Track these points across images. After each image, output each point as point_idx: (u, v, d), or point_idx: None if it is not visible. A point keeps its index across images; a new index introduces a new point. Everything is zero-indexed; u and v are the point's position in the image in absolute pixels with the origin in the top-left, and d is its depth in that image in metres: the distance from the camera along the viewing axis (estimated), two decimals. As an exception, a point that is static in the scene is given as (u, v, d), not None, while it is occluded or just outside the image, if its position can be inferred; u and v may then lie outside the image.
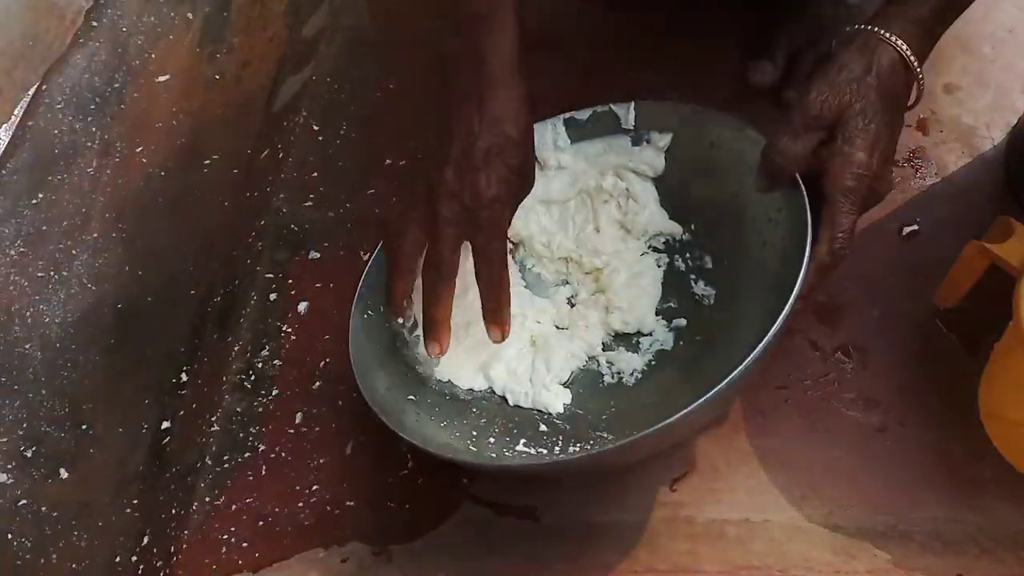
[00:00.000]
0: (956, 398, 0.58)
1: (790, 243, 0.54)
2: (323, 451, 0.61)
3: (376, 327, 0.58)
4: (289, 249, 0.72)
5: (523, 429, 0.57)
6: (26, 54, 0.79)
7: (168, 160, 0.78)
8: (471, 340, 0.59)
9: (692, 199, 0.63)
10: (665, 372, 0.59)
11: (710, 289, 0.61)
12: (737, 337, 0.55)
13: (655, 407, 0.55)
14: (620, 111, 0.63)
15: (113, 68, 0.82)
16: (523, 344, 0.61)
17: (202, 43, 0.86)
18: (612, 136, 0.64)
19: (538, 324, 0.62)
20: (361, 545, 0.57)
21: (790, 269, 0.52)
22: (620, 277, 0.62)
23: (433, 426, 0.55)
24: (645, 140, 0.63)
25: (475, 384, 0.59)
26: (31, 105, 0.78)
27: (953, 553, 0.53)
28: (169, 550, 0.58)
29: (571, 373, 0.60)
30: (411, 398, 0.57)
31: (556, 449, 0.55)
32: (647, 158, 0.63)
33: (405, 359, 0.59)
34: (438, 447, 0.52)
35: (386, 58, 0.84)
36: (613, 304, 0.61)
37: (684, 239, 0.63)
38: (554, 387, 0.58)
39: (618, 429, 0.56)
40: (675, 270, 0.63)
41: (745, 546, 0.54)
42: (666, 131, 0.62)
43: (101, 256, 0.71)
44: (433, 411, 0.57)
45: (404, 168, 0.73)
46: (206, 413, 0.64)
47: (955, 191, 0.68)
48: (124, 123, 0.79)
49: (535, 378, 0.59)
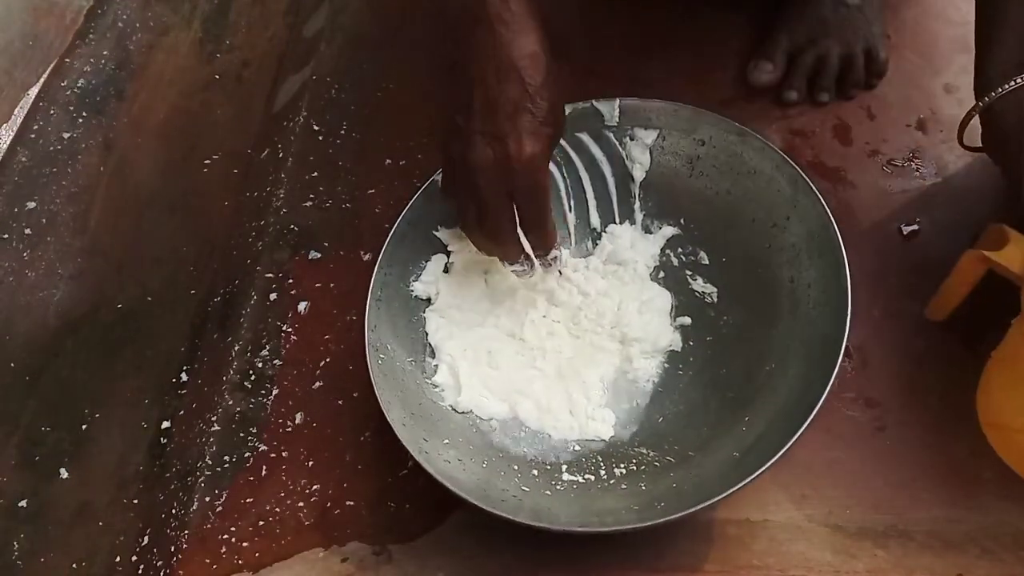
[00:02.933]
0: (956, 398, 0.58)
1: (804, 251, 0.56)
2: (323, 451, 0.61)
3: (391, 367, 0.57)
4: (289, 249, 0.72)
5: (558, 454, 0.57)
6: (26, 54, 0.79)
7: (168, 160, 0.78)
8: (494, 370, 0.60)
9: (681, 194, 0.63)
10: (681, 375, 0.59)
11: (711, 287, 0.61)
12: (753, 342, 0.56)
13: (685, 416, 0.57)
14: (604, 108, 0.63)
15: (113, 68, 0.82)
16: (549, 379, 0.60)
17: (202, 43, 0.86)
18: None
19: (561, 354, 0.61)
20: (361, 545, 0.57)
21: (804, 280, 0.55)
22: (631, 307, 0.62)
23: (475, 467, 0.54)
24: (629, 136, 0.63)
25: (498, 414, 0.58)
26: (31, 105, 0.78)
27: (953, 553, 0.53)
28: (169, 550, 0.58)
29: (605, 393, 0.59)
30: (445, 441, 0.55)
31: (602, 472, 0.55)
32: (634, 154, 0.64)
33: (424, 392, 0.58)
34: (498, 504, 0.50)
35: (386, 58, 0.84)
36: (630, 337, 0.60)
37: (675, 234, 0.64)
38: (599, 413, 0.58)
39: (653, 441, 0.56)
40: (669, 265, 0.63)
41: (745, 546, 0.54)
42: (652, 128, 0.63)
43: (101, 256, 0.71)
44: (467, 449, 0.55)
45: (439, 132, 0.67)
46: (206, 413, 0.64)
47: (955, 191, 0.68)
48: (124, 123, 0.79)
49: (576, 409, 0.58)
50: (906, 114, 0.72)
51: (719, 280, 0.61)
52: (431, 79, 0.79)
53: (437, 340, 0.60)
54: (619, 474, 0.54)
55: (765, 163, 0.59)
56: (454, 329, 0.61)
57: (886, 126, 0.72)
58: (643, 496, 0.52)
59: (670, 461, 0.54)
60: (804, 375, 0.52)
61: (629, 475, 0.54)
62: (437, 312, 0.61)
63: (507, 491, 0.52)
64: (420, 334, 0.60)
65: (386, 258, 0.60)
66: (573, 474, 0.55)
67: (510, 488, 0.53)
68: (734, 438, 0.52)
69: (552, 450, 0.57)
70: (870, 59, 0.73)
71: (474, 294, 0.62)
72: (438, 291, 0.62)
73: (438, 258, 0.62)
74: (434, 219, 0.62)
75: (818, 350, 0.52)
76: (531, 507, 0.51)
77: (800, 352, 0.54)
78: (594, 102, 0.63)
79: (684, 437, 0.55)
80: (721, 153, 0.61)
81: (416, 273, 0.62)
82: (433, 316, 0.61)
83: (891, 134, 0.71)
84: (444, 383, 0.59)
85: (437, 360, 0.59)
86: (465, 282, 0.62)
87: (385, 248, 0.60)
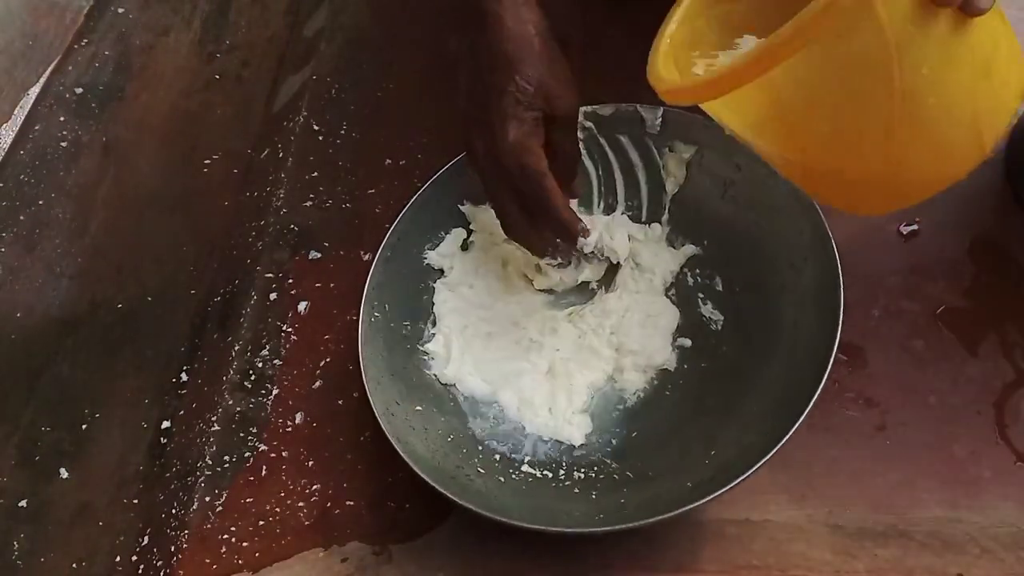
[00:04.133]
0: (956, 398, 0.58)
1: (811, 297, 0.54)
2: (323, 451, 0.61)
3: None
4: (289, 249, 0.72)
5: (526, 446, 0.57)
6: (26, 54, 0.79)
7: (168, 160, 0.78)
8: (488, 353, 0.60)
9: (709, 216, 0.62)
10: (669, 395, 0.59)
11: (719, 314, 0.60)
12: (743, 378, 0.55)
13: (658, 437, 0.56)
14: (647, 115, 0.62)
15: (113, 68, 0.82)
16: (538, 374, 0.60)
17: (202, 43, 0.86)
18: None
19: (557, 352, 0.60)
20: (361, 545, 0.57)
21: (806, 326, 0.53)
22: (634, 318, 0.61)
23: (438, 439, 0.55)
24: (669, 148, 0.62)
25: (478, 392, 0.59)
26: (31, 105, 0.78)
27: (953, 553, 0.52)
28: (169, 550, 0.58)
29: (590, 400, 0.59)
30: (418, 408, 0.56)
31: (561, 473, 0.55)
32: (670, 166, 0.62)
33: (412, 357, 0.59)
34: (447, 482, 0.51)
35: (386, 58, 0.84)
36: (626, 347, 0.60)
37: (696, 253, 0.63)
38: (576, 418, 0.58)
39: (620, 455, 0.56)
40: (684, 283, 0.63)
41: (745, 546, 0.54)
42: (691, 143, 0.61)
43: (101, 256, 0.71)
44: (437, 420, 0.56)
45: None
46: (206, 413, 0.64)
47: (955, 191, 0.67)
48: (124, 123, 0.79)
49: (555, 409, 0.58)
50: (906, 114, 0.72)
51: (728, 308, 0.60)
52: (431, 78, 0.79)
53: (441, 311, 0.61)
54: (577, 478, 0.55)
55: (793, 203, 0.57)
56: (460, 304, 0.61)
57: (886, 126, 0.72)
58: (590, 504, 0.53)
59: (628, 477, 0.54)
60: (771, 424, 0.50)
61: (586, 481, 0.55)
62: (447, 286, 0.62)
63: (461, 469, 0.53)
64: (425, 302, 0.62)
65: (403, 222, 0.61)
66: (533, 468, 0.55)
67: (465, 467, 0.53)
68: (694, 469, 0.52)
69: (521, 442, 0.57)
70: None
71: (489, 276, 0.63)
72: (452, 265, 0.62)
73: (457, 232, 0.63)
74: (460, 192, 0.62)
75: (792, 398, 0.50)
76: (478, 491, 0.52)
77: (778, 396, 0.52)
78: (639, 107, 0.62)
79: (650, 457, 0.55)
80: (754, 182, 0.59)
81: (434, 243, 0.63)
82: (443, 288, 0.62)
83: (891, 134, 0.71)
84: (435, 352, 0.60)
85: (436, 330, 0.60)
86: (483, 262, 0.63)
87: (405, 212, 0.61)
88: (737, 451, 0.51)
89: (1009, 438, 0.56)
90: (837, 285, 0.53)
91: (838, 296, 0.52)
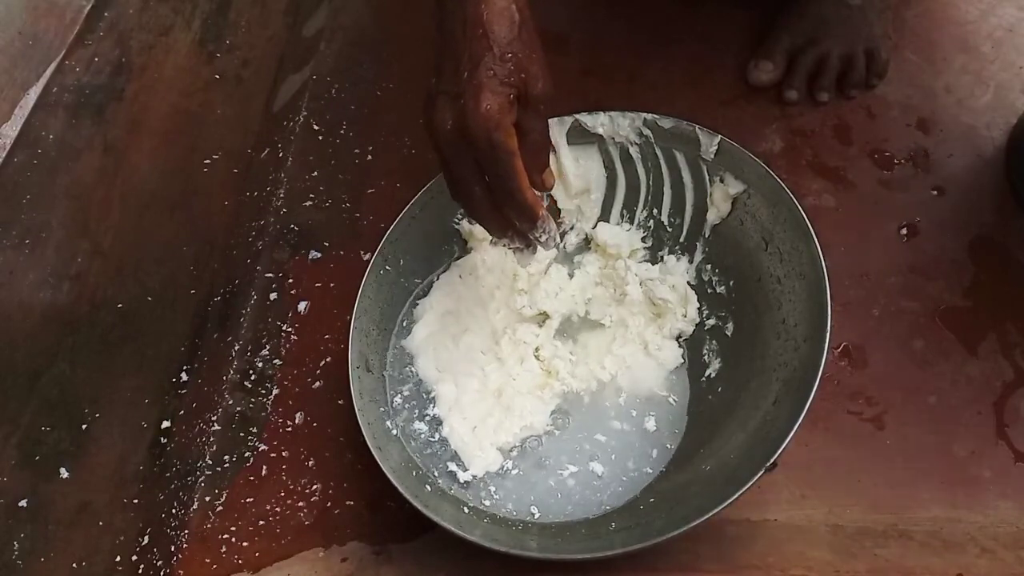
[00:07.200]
0: (956, 398, 0.58)
1: (795, 369, 0.52)
2: (323, 451, 0.61)
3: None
4: (289, 249, 0.72)
5: (444, 452, 0.58)
6: (26, 54, 0.79)
7: (168, 160, 0.78)
8: (454, 344, 0.61)
9: (743, 258, 0.60)
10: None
11: (718, 362, 0.59)
12: (722, 436, 0.54)
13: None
14: (704, 139, 0.60)
15: (113, 68, 0.82)
16: (486, 389, 0.59)
17: (202, 43, 0.86)
18: None
19: (512, 380, 0.60)
20: (361, 545, 0.57)
21: (783, 403, 0.51)
22: (637, 350, 0.61)
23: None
24: (720, 178, 0.60)
25: (424, 374, 0.60)
26: (31, 105, 0.78)
27: (953, 553, 0.53)
28: (169, 550, 0.58)
29: (515, 445, 0.58)
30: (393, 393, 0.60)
31: (485, 501, 0.56)
32: (716, 197, 0.61)
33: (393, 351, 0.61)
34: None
35: (386, 58, 0.84)
36: (617, 383, 0.60)
37: (720, 291, 0.61)
38: (489, 451, 0.57)
39: (547, 507, 0.56)
40: (699, 322, 0.61)
41: (745, 546, 0.54)
42: (741, 181, 0.59)
43: (101, 256, 0.71)
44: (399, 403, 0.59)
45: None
46: (206, 413, 0.64)
47: (955, 191, 0.68)
48: (124, 123, 0.79)
49: (479, 431, 0.58)
50: (906, 114, 0.72)
51: (730, 356, 0.59)
52: (430, 77, 0.79)
53: (421, 308, 0.62)
54: (487, 504, 0.56)
55: (815, 272, 0.54)
56: (457, 288, 0.62)
57: (886, 126, 0.72)
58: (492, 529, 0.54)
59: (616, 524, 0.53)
60: (734, 475, 0.49)
61: (492, 506, 0.56)
62: (457, 266, 0.63)
63: (391, 433, 0.57)
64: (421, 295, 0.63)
65: (401, 224, 0.61)
66: (455, 475, 0.56)
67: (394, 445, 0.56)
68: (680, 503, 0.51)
69: (439, 443, 0.58)
70: (871, 59, 0.73)
71: (491, 276, 0.63)
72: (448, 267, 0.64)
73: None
74: (456, 207, 0.62)
75: (756, 456, 0.49)
76: (407, 460, 0.55)
77: (746, 450, 0.51)
78: (697, 128, 0.60)
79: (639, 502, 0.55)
80: (788, 240, 0.56)
81: (435, 243, 0.64)
82: (453, 268, 0.63)
83: (891, 134, 0.71)
84: (409, 347, 0.61)
85: (424, 302, 0.62)
86: (479, 272, 0.63)
87: (404, 212, 0.61)
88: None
89: (1009, 438, 0.57)
90: (818, 362, 0.50)
91: (813, 379, 0.49)
